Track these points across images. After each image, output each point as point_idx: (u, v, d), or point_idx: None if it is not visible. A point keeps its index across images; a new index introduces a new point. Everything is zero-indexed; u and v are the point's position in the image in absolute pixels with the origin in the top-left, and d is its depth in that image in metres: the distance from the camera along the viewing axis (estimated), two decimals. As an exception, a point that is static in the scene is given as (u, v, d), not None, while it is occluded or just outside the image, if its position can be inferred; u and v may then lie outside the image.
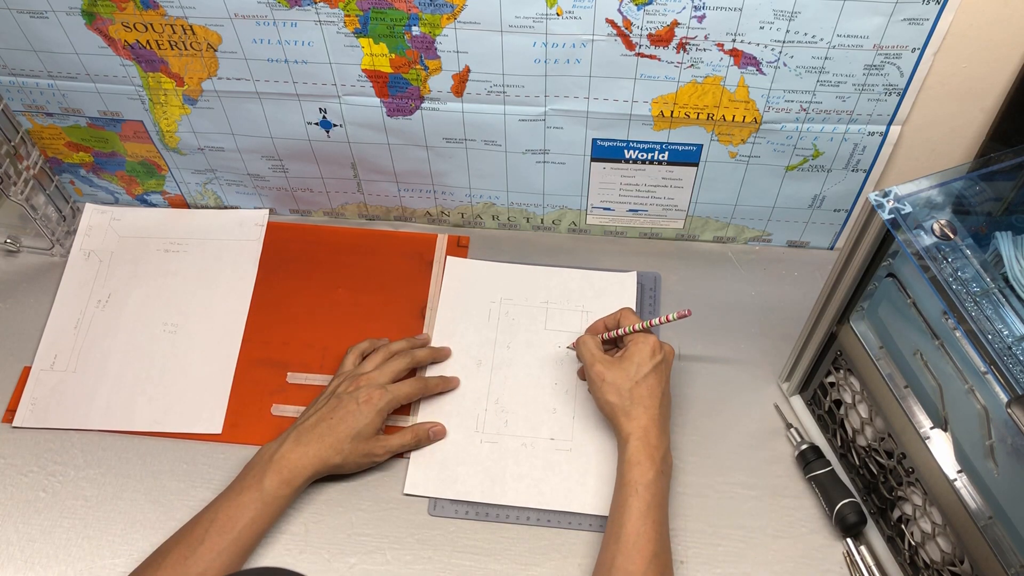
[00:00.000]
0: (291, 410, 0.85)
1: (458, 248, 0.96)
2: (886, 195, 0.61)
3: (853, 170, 0.86)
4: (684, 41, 0.75)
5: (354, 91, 0.82)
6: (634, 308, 0.91)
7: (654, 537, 0.70)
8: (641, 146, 0.86)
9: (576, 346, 0.82)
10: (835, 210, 0.91)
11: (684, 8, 0.72)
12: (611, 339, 0.81)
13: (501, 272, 0.94)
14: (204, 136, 0.89)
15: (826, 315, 0.73)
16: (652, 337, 0.78)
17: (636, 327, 0.79)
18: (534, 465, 0.81)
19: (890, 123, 0.80)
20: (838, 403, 0.78)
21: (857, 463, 0.77)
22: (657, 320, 0.79)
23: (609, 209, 0.94)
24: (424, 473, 0.81)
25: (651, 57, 0.76)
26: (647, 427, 0.74)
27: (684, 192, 0.90)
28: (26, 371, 0.88)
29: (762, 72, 0.77)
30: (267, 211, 0.99)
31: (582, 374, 0.85)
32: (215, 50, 0.80)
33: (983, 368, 0.58)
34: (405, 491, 0.80)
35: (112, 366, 0.88)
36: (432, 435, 0.82)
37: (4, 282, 0.94)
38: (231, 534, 0.72)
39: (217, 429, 0.84)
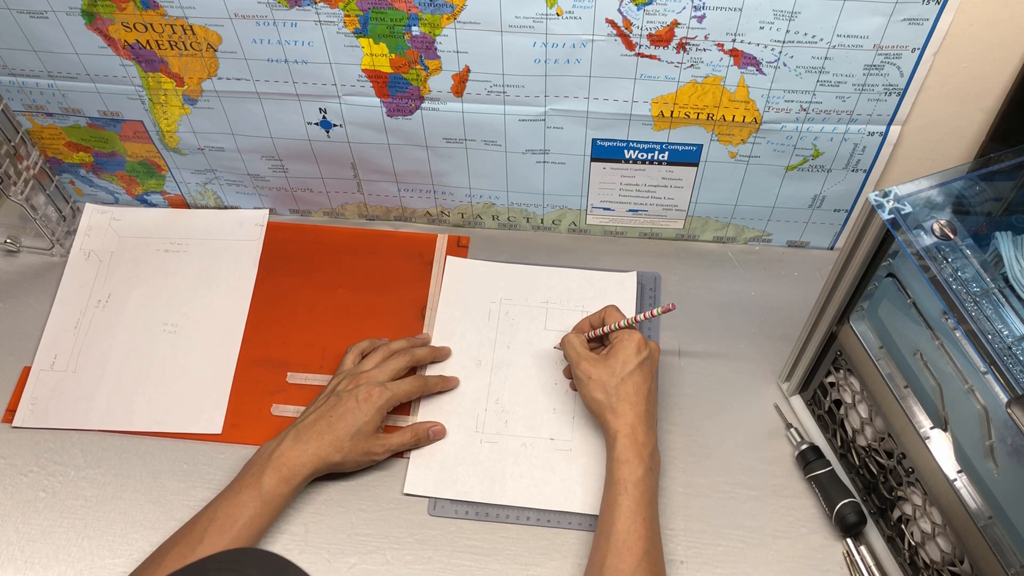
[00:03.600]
0: (291, 410, 0.85)
1: (458, 248, 0.96)
2: (886, 195, 0.61)
3: (853, 170, 0.86)
4: (684, 41, 0.75)
5: (354, 91, 0.82)
6: (633, 308, 0.91)
7: (644, 535, 0.70)
8: (641, 146, 0.86)
9: (562, 345, 0.82)
10: (835, 210, 0.91)
11: (684, 8, 0.72)
12: (596, 337, 0.81)
13: (501, 272, 0.94)
14: (204, 136, 0.89)
15: (826, 315, 0.73)
16: (637, 334, 0.78)
17: (621, 324, 0.79)
18: (533, 465, 0.81)
19: (890, 123, 0.80)
20: (838, 403, 0.78)
21: (857, 463, 0.77)
22: (642, 316, 0.79)
23: (609, 209, 0.94)
24: (424, 473, 0.81)
25: (651, 57, 0.76)
26: (634, 424, 0.74)
27: (684, 192, 0.90)
28: (26, 371, 0.88)
29: (762, 72, 0.77)
30: (267, 211, 0.99)
31: (568, 373, 0.85)
32: (215, 50, 0.80)
33: (983, 368, 0.58)
34: (405, 491, 0.80)
35: (112, 366, 0.88)
36: (432, 435, 0.82)
37: (4, 282, 0.94)
38: (230, 533, 0.72)
39: (217, 429, 0.84)
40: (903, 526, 0.72)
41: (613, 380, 0.76)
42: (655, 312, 0.79)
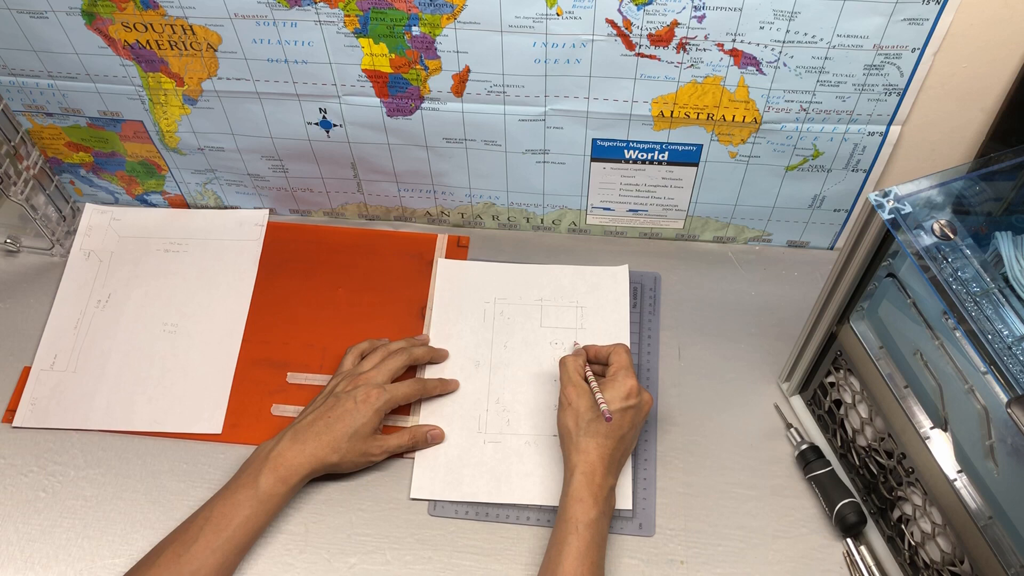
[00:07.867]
0: (291, 410, 0.85)
1: (458, 248, 0.96)
2: (886, 195, 0.61)
3: (853, 170, 0.86)
4: (684, 41, 0.75)
5: (354, 91, 0.82)
6: (628, 303, 0.91)
7: None
8: (641, 146, 0.86)
9: (560, 364, 0.80)
10: (835, 210, 0.91)
11: (684, 8, 0.72)
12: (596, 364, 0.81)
13: (493, 272, 0.94)
14: (204, 136, 0.89)
15: (826, 315, 0.73)
16: (631, 381, 0.76)
17: (598, 397, 0.75)
18: (538, 463, 0.81)
19: (890, 123, 0.80)
20: (838, 403, 0.78)
21: (857, 463, 0.77)
22: (602, 404, 0.75)
23: (609, 209, 0.94)
24: (430, 476, 0.81)
25: (651, 57, 0.76)
26: (594, 464, 0.73)
27: (684, 192, 0.90)
28: (26, 371, 0.88)
29: (762, 72, 0.77)
30: (267, 211, 0.99)
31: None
32: (215, 50, 0.80)
33: (983, 368, 0.58)
34: (412, 496, 0.80)
35: (112, 366, 0.88)
36: (430, 438, 0.82)
37: (4, 282, 0.94)
38: (225, 532, 0.72)
39: (217, 429, 0.84)
40: (903, 526, 0.72)
41: (589, 415, 0.75)
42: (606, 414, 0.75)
